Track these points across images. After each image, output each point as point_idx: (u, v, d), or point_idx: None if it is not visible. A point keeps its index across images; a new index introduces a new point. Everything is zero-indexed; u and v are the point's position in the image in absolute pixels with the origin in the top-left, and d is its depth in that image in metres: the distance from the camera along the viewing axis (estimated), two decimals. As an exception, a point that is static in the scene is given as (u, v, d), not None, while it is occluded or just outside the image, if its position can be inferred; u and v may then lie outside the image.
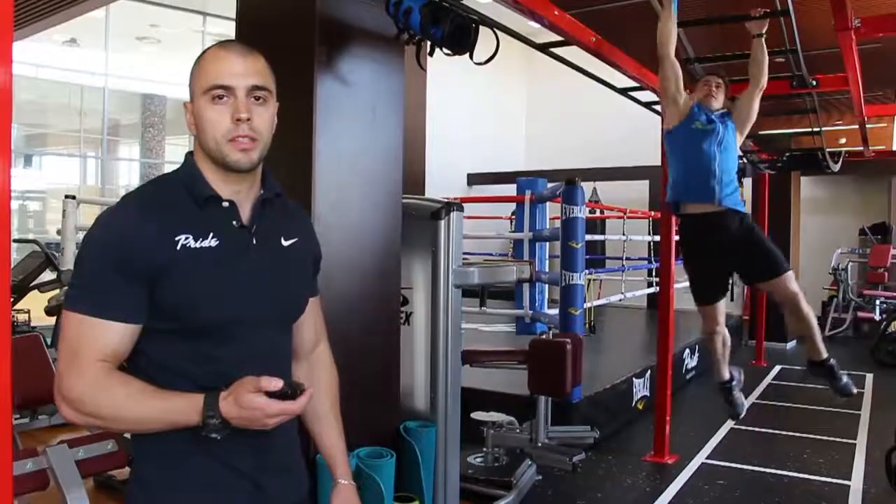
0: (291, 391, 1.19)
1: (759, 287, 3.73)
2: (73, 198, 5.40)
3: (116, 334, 1.20)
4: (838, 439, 5.15)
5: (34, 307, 5.50)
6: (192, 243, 1.24)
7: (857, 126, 5.99)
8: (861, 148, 7.22)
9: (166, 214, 1.24)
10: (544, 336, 3.98)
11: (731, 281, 3.86)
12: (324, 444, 1.53)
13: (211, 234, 1.26)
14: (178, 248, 1.22)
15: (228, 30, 10.63)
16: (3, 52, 0.79)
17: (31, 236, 8.64)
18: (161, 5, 10.52)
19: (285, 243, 1.38)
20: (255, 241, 1.32)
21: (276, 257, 1.36)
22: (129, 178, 13.01)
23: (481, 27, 2.82)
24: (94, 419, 1.21)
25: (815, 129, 5.99)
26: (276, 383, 1.17)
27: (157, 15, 10.90)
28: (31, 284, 5.31)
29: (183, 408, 1.18)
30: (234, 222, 1.30)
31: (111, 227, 1.23)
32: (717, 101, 3.62)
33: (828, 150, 6.94)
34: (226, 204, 1.29)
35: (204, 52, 1.31)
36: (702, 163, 3.54)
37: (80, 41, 11.37)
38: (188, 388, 1.21)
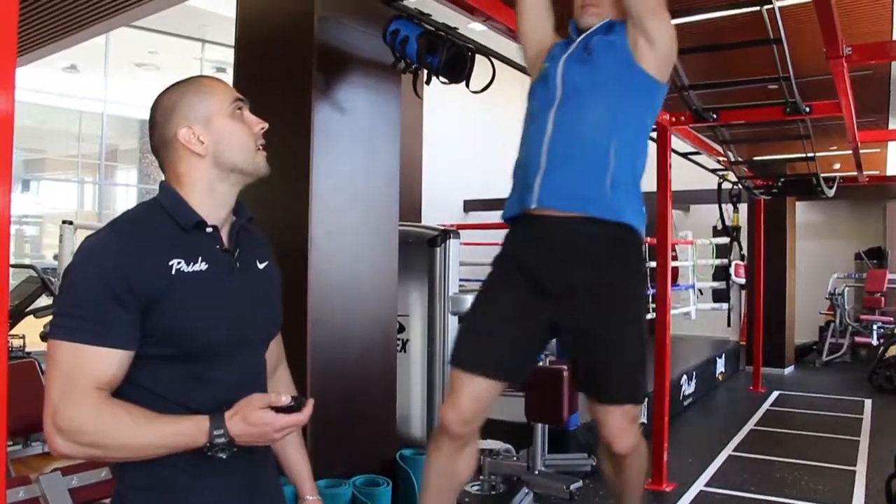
0: (296, 404, 1.23)
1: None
2: (71, 223, 5.40)
3: (114, 361, 1.19)
4: (837, 466, 5.12)
5: (29, 332, 5.49)
6: (185, 267, 1.25)
7: (850, 151, 6.03)
8: (855, 173, 7.28)
9: (158, 240, 1.26)
10: (541, 363, 3.97)
11: (537, 354, 2.12)
12: (288, 463, 1.55)
13: (200, 259, 1.28)
14: (173, 272, 1.24)
15: (227, 56, 10.73)
16: (6, 80, 0.80)
17: (27, 261, 8.64)
18: (160, 32, 10.61)
19: (260, 266, 1.43)
20: (238, 265, 1.35)
21: (257, 279, 1.40)
22: (126, 203, 13.03)
23: (477, 56, 2.85)
24: (93, 449, 1.18)
25: (809, 155, 6.03)
26: (285, 398, 1.21)
27: (156, 42, 10.99)
28: (27, 310, 5.30)
29: (189, 430, 1.18)
30: (218, 247, 1.33)
31: (104, 255, 1.22)
32: (604, 11, 2.03)
33: (822, 175, 6.99)
34: (209, 229, 1.32)
35: (189, 82, 1.36)
36: (527, 133, 2.04)
37: (80, 67, 11.45)
38: (179, 413, 1.21)
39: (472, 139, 12.52)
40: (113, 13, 4.79)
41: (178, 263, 1.25)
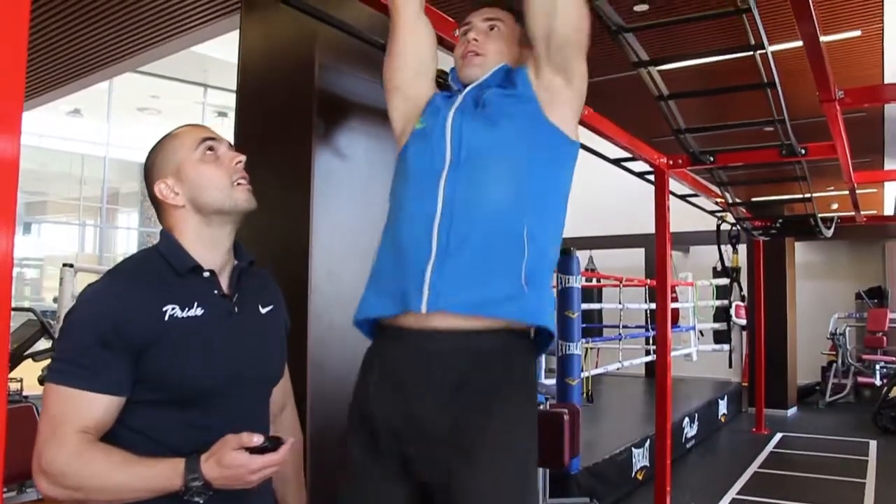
0: (272, 445, 1.21)
1: None
2: (71, 266, 5.41)
3: (101, 407, 1.21)
4: (843, 510, 5.06)
5: (27, 376, 5.46)
6: (178, 313, 1.26)
7: (847, 192, 6.07)
8: (853, 213, 7.32)
9: (152, 286, 1.27)
10: (542, 406, 3.94)
11: None
12: None
13: (196, 304, 1.29)
14: (167, 318, 1.25)
15: (228, 101, 10.86)
16: (13, 125, 0.82)
17: (26, 304, 8.63)
18: (163, 77, 10.77)
19: (263, 310, 1.43)
20: (236, 310, 1.36)
21: (257, 325, 1.40)
22: (126, 246, 13.06)
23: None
24: (75, 492, 1.19)
25: (807, 196, 6.08)
26: (257, 439, 1.19)
27: (158, 86, 11.15)
28: (26, 353, 5.27)
29: (165, 472, 1.18)
30: (216, 291, 1.34)
31: (98, 302, 1.25)
32: (489, 60, 1.65)
33: (820, 215, 7.04)
34: (206, 274, 1.33)
35: (163, 138, 1.40)
36: (403, 210, 1.54)
37: (84, 111, 11.58)
38: (174, 457, 1.21)
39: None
40: (117, 59, 4.87)
41: (173, 309, 1.26)
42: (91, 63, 4.98)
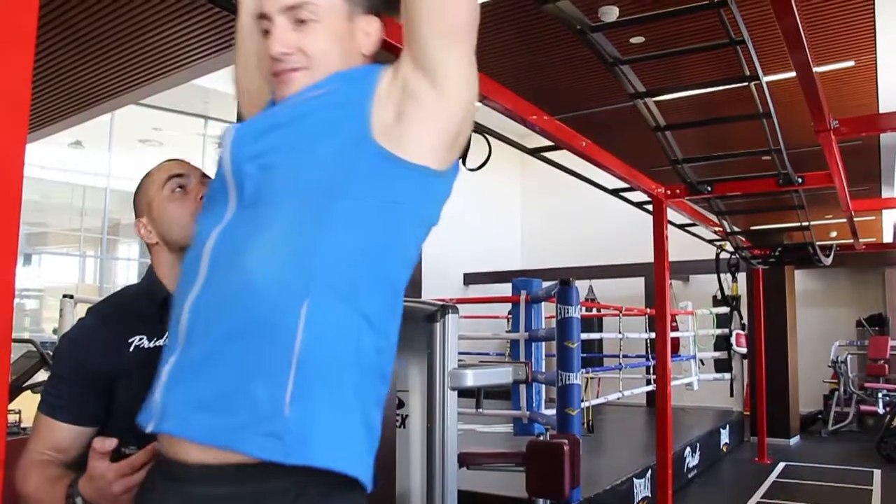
0: (129, 452, 1.17)
1: None
2: (71, 297, 5.41)
3: (62, 433, 1.28)
4: (848, 541, 5.00)
5: (26, 407, 5.43)
6: (146, 344, 1.32)
7: (845, 220, 6.10)
8: (851, 241, 7.35)
9: (122, 319, 1.34)
10: (542, 437, 3.92)
11: None
12: None
13: (166, 335, 1.30)
14: (131, 350, 1.31)
15: (230, 132, 10.91)
16: (16, 157, 0.83)
17: (26, 335, 8.60)
18: (164, 109, 10.84)
19: None
20: None
21: None
22: (127, 277, 13.05)
23: (473, 133, 2.91)
24: (25, 500, 1.26)
25: (805, 224, 6.10)
26: (109, 443, 1.13)
27: (160, 118, 11.21)
28: (25, 384, 5.25)
29: (60, 493, 1.21)
30: None
31: (72, 337, 1.35)
32: (319, 63, 1.08)
33: (819, 243, 7.05)
34: None
35: (142, 178, 1.43)
36: (182, 268, 1.10)
37: (85, 143, 11.64)
38: None
39: (471, 213, 12.66)
40: (120, 92, 4.92)
41: (140, 340, 1.31)
42: (94, 96, 5.03)
